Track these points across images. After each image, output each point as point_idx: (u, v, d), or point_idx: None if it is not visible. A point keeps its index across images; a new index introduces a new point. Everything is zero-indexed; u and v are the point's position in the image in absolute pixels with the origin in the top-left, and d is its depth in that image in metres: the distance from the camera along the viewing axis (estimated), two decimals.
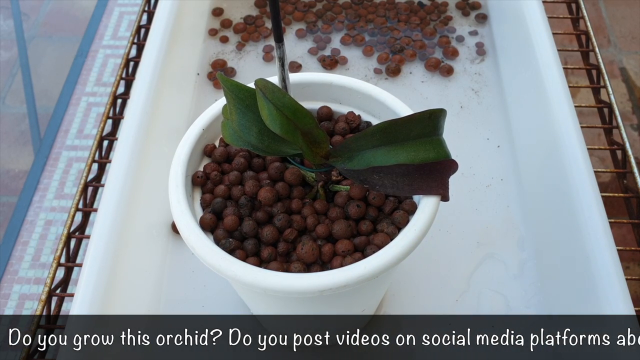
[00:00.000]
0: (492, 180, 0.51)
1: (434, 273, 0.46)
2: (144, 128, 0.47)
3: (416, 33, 0.63)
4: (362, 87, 0.40)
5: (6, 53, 1.25)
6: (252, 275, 0.31)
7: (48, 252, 0.97)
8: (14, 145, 1.11)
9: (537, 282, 0.45)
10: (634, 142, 1.08)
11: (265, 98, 0.31)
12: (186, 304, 0.45)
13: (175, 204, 0.34)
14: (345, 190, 0.36)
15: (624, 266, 0.39)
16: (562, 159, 0.44)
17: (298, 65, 0.60)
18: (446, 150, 0.33)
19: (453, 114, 0.56)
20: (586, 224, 0.41)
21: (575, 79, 1.05)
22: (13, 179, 1.06)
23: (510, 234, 0.48)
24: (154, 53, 0.52)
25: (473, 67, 0.60)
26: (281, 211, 0.35)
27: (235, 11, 0.66)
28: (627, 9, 1.29)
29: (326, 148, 0.34)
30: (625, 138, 0.52)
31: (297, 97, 0.35)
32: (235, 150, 0.38)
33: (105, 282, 0.39)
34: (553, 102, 0.47)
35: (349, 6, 0.65)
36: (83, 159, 1.08)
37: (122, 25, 1.30)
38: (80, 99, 1.17)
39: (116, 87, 0.57)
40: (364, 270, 0.31)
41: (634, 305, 0.38)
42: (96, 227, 0.42)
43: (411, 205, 0.35)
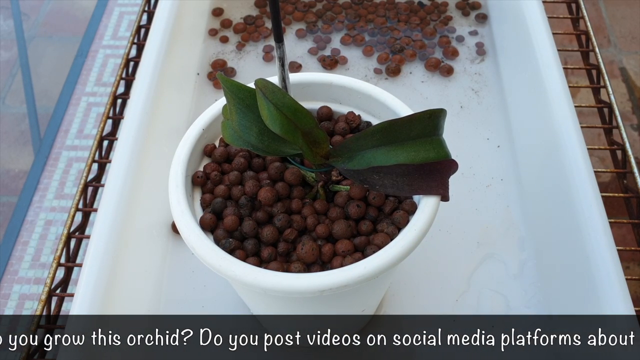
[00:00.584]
0: (492, 180, 0.51)
1: (434, 273, 0.46)
2: (144, 128, 0.47)
3: (416, 33, 0.63)
4: (362, 87, 0.40)
5: (6, 53, 1.25)
6: (252, 275, 0.31)
7: (48, 252, 0.97)
8: (14, 145, 1.11)
9: (537, 282, 0.45)
10: (634, 142, 1.08)
11: (265, 98, 0.31)
12: (186, 304, 0.45)
13: (175, 204, 0.34)
14: (345, 190, 0.36)
15: (624, 266, 0.39)
16: (562, 159, 0.44)
17: (298, 65, 0.60)
18: (446, 150, 0.33)
19: (453, 114, 0.56)
20: (586, 224, 0.41)
21: (575, 79, 1.05)
22: (13, 179, 1.06)
23: (510, 234, 0.48)
24: (154, 53, 0.52)
25: (473, 67, 0.60)
26: (281, 211, 0.35)
27: (235, 11, 0.66)
28: (627, 9, 1.29)
29: (326, 148, 0.34)
30: (625, 138, 0.52)
31: (297, 97, 0.35)
32: (235, 150, 0.38)
33: (105, 282, 0.39)
34: (553, 102, 0.47)
35: (349, 6, 0.65)
36: (83, 159, 1.08)
37: (122, 25, 1.30)
38: (80, 99, 1.17)
39: (116, 87, 0.57)
40: (364, 270, 0.31)
41: (634, 305, 0.38)
42: (96, 227, 0.42)
43: (411, 205, 0.35)
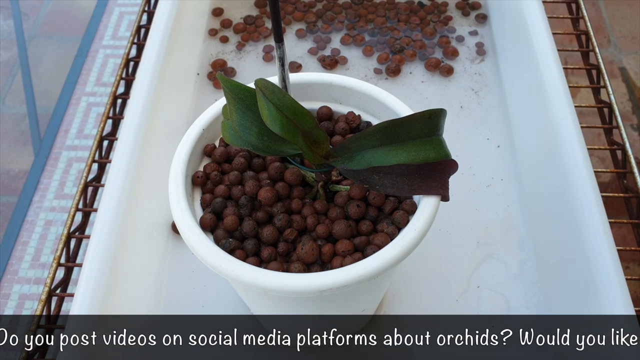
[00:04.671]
0: (492, 180, 0.51)
1: (434, 273, 0.46)
2: (144, 128, 0.47)
3: (416, 33, 0.63)
4: (362, 87, 0.40)
5: (6, 53, 1.25)
6: (252, 275, 0.31)
7: (48, 252, 0.97)
8: (14, 145, 1.11)
9: (537, 282, 0.45)
10: (634, 142, 1.08)
11: (265, 98, 0.31)
12: (186, 304, 0.45)
13: (175, 204, 0.34)
14: (345, 190, 0.36)
15: (624, 266, 0.39)
16: (562, 159, 0.44)
17: (298, 65, 0.60)
18: (446, 150, 0.33)
19: (453, 114, 0.56)
20: (586, 224, 0.41)
21: (575, 79, 1.05)
22: (13, 179, 1.06)
23: (510, 234, 0.48)
24: (154, 53, 0.52)
25: (473, 67, 0.60)
26: (281, 211, 0.35)
27: (235, 11, 0.66)
28: (627, 9, 1.29)
29: (326, 148, 0.34)
30: (625, 138, 0.52)
31: (297, 97, 0.35)
32: (235, 150, 0.38)
33: (105, 282, 0.39)
34: (553, 102, 0.47)
35: (349, 6, 0.65)
36: (83, 159, 1.08)
37: (122, 25, 1.30)
38: (80, 99, 1.17)
39: (116, 87, 0.57)
40: (364, 270, 0.31)
41: (634, 305, 0.38)
42: (96, 227, 0.42)
43: (411, 205, 0.35)
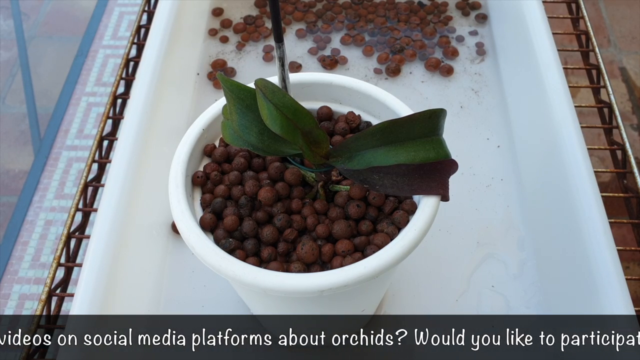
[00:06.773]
0: (492, 180, 0.51)
1: (434, 273, 0.46)
2: (144, 128, 0.47)
3: (416, 33, 0.63)
4: (362, 87, 0.40)
5: (6, 53, 1.25)
6: (252, 275, 0.31)
7: (48, 252, 0.97)
8: (14, 145, 1.11)
9: (537, 282, 0.45)
10: (634, 142, 1.08)
11: (265, 98, 0.31)
12: (186, 304, 0.45)
13: (175, 204, 0.34)
14: (345, 190, 0.36)
15: (624, 266, 0.39)
16: (562, 159, 0.44)
17: (298, 65, 0.60)
18: (446, 150, 0.33)
19: (453, 114, 0.56)
20: (586, 224, 0.41)
21: (575, 79, 1.05)
22: (13, 179, 1.06)
23: (510, 234, 0.48)
24: (154, 53, 0.52)
25: (473, 67, 0.60)
26: (281, 211, 0.35)
27: (235, 11, 0.66)
28: (627, 9, 1.29)
29: (326, 148, 0.34)
30: (625, 138, 0.52)
31: (297, 97, 0.35)
32: (235, 150, 0.38)
33: (105, 282, 0.39)
34: (553, 102, 0.47)
35: (349, 6, 0.65)
36: (83, 159, 1.08)
37: (122, 25, 1.30)
38: (80, 99, 1.17)
39: (116, 87, 0.57)
40: (364, 270, 0.31)
41: (634, 305, 0.38)
42: (96, 227, 0.42)
43: (411, 205, 0.35)
